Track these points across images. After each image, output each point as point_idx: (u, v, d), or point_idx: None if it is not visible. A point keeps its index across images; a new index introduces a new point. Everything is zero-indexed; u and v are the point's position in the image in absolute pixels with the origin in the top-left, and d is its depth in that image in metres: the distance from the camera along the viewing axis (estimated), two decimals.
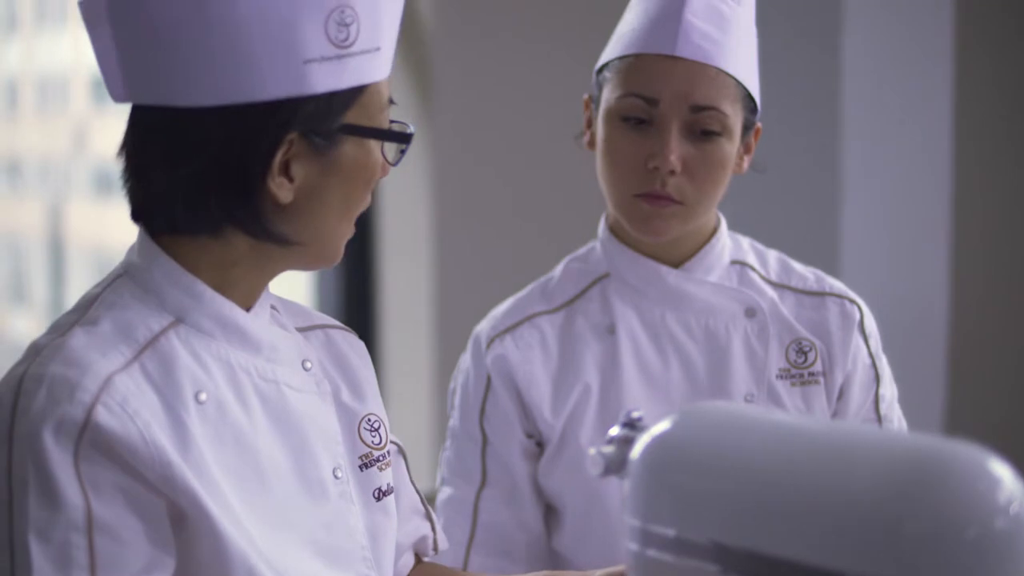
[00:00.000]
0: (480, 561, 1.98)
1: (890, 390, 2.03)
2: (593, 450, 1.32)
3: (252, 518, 1.40)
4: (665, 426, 1.24)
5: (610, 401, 1.94)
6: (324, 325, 1.62)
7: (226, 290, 1.45)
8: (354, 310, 4.55)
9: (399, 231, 4.37)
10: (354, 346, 1.63)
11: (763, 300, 1.98)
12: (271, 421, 1.46)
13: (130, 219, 1.45)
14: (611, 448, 1.32)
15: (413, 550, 1.69)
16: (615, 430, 1.34)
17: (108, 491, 1.33)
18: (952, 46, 3.35)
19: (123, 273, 1.45)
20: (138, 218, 1.45)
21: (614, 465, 1.31)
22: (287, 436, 1.47)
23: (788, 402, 1.96)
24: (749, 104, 1.92)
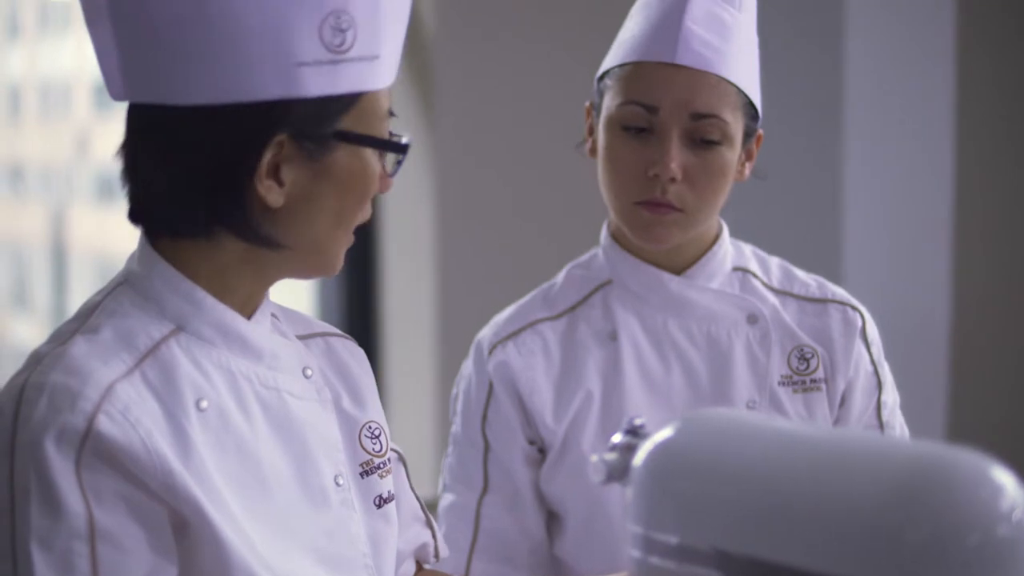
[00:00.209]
0: (482, 567, 1.98)
1: (892, 397, 2.03)
2: (596, 457, 1.32)
3: (254, 526, 1.40)
4: (667, 433, 1.25)
5: (612, 408, 1.94)
6: (324, 333, 1.62)
7: (224, 296, 1.44)
8: (356, 317, 4.55)
9: (401, 238, 4.37)
10: (354, 354, 1.63)
11: (765, 307, 1.98)
12: (272, 429, 1.46)
13: (128, 219, 1.45)
14: (614, 455, 1.32)
15: (414, 557, 1.69)
16: (617, 437, 1.34)
17: (110, 499, 1.33)
18: (954, 51, 3.35)
19: (123, 281, 1.45)
20: (136, 219, 1.45)
21: (616, 472, 1.31)
22: (288, 444, 1.47)
23: (790, 409, 1.96)
24: (750, 111, 1.92)
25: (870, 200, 3.26)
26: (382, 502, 1.57)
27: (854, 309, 2.01)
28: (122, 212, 1.45)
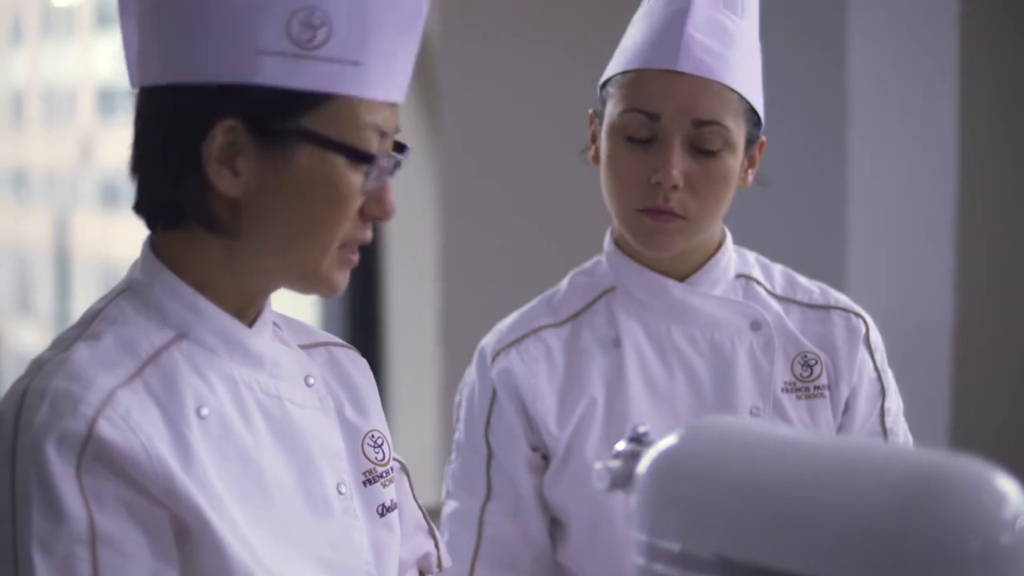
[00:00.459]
0: (485, 574, 1.98)
1: (896, 403, 2.03)
2: (599, 465, 1.33)
3: (256, 533, 1.40)
4: (671, 441, 1.25)
5: (615, 414, 1.94)
6: (327, 343, 1.62)
7: (214, 299, 1.44)
8: (359, 324, 4.55)
9: (404, 246, 4.38)
10: (357, 363, 1.62)
11: (768, 313, 1.98)
12: (274, 437, 1.46)
13: (132, 210, 1.46)
14: (617, 463, 1.32)
15: (417, 567, 1.68)
16: (621, 445, 1.34)
17: (111, 504, 1.33)
18: (957, 57, 3.35)
19: (126, 288, 1.45)
20: (137, 210, 1.46)
21: (620, 480, 1.31)
22: (291, 452, 1.47)
23: (794, 416, 1.96)
24: (752, 118, 1.92)
25: (873, 207, 3.26)
26: (385, 511, 1.57)
27: (857, 316, 2.01)
28: (126, 218, 1.45)
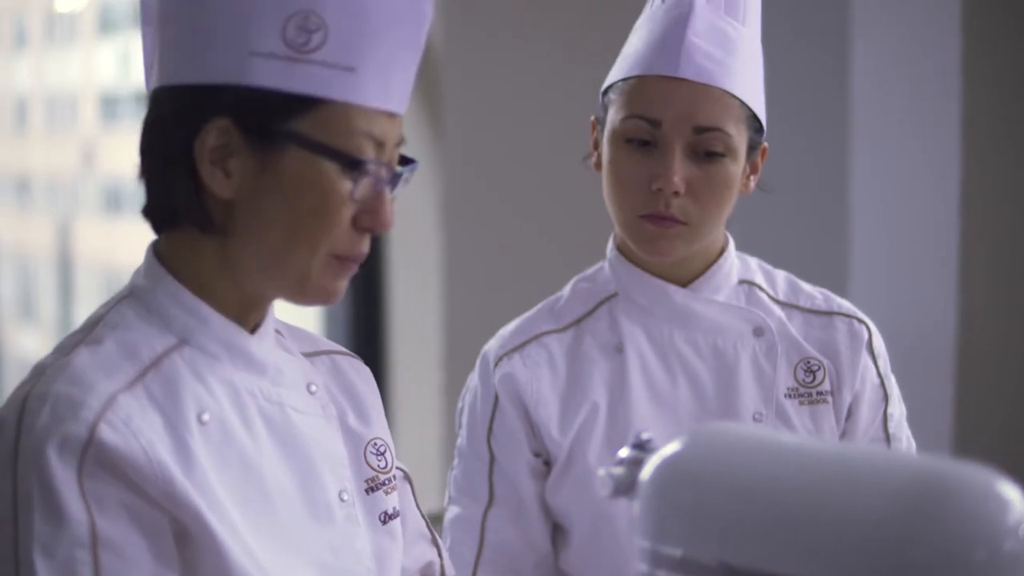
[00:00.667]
0: None
1: (899, 409, 2.03)
2: (603, 471, 1.32)
3: (258, 539, 1.40)
4: (674, 447, 1.25)
5: (618, 420, 1.94)
6: (330, 351, 1.62)
7: (220, 305, 1.44)
8: (363, 331, 4.56)
9: (407, 253, 4.38)
10: (360, 372, 1.63)
11: (771, 319, 1.98)
12: (276, 443, 1.46)
13: (141, 214, 1.47)
14: (621, 469, 1.32)
15: (420, 575, 1.68)
16: (624, 451, 1.34)
17: (112, 508, 1.33)
18: (960, 63, 3.35)
19: (128, 294, 1.46)
20: (144, 213, 1.46)
21: (623, 486, 1.31)
22: (292, 458, 1.47)
23: (797, 421, 1.95)
24: (754, 124, 1.92)
25: (876, 213, 3.26)
26: (387, 518, 1.57)
27: (860, 322, 2.01)
28: (128, 223, 1.46)
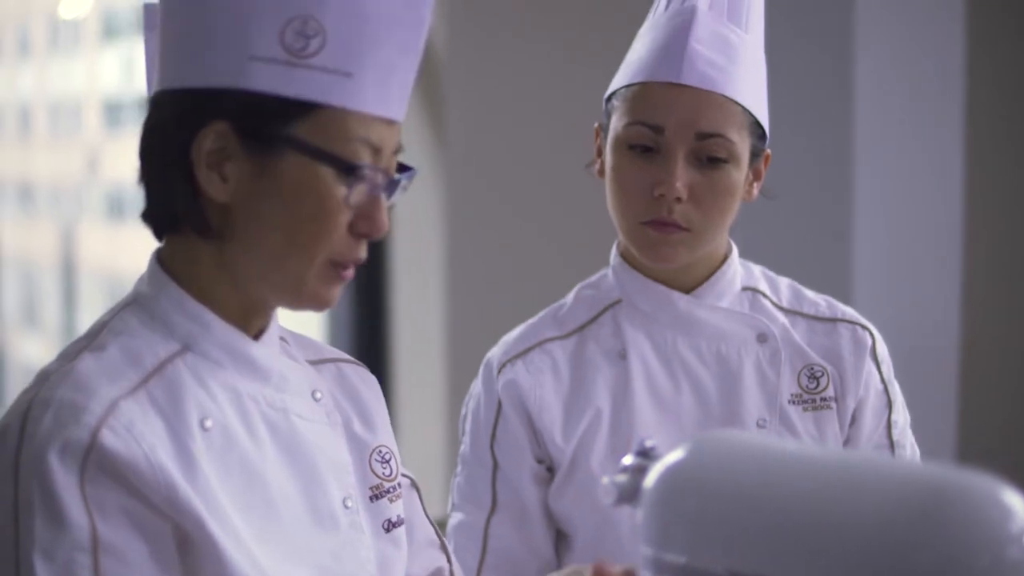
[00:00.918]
0: None
1: (902, 416, 2.03)
2: (607, 479, 1.32)
3: (261, 546, 1.40)
4: (678, 455, 1.24)
5: (621, 426, 1.94)
6: (335, 359, 1.62)
7: (223, 311, 1.44)
8: (366, 337, 4.56)
9: (411, 258, 4.38)
10: (365, 380, 1.63)
11: (774, 326, 1.98)
12: (280, 450, 1.46)
13: (140, 218, 1.47)
14: (624, 477, 1.32)
15: None
16: (628, 459, 1.34)
17: (114, 513, 1.33)
18: (965, 70, 3.35)
19: (132, 301, 1.46)
20: (144, 218, 1.46)
21: (627, 494, 1.31)
22: (296, 465, 1.47)
23: (800, 427, 1.95)
24: (757, 131, 1.92)
25: (879, 220, 3.26)
26: (391, 526, 1.57)
27: (864, 328, 2.01)
28: (132, 229, 1.46)
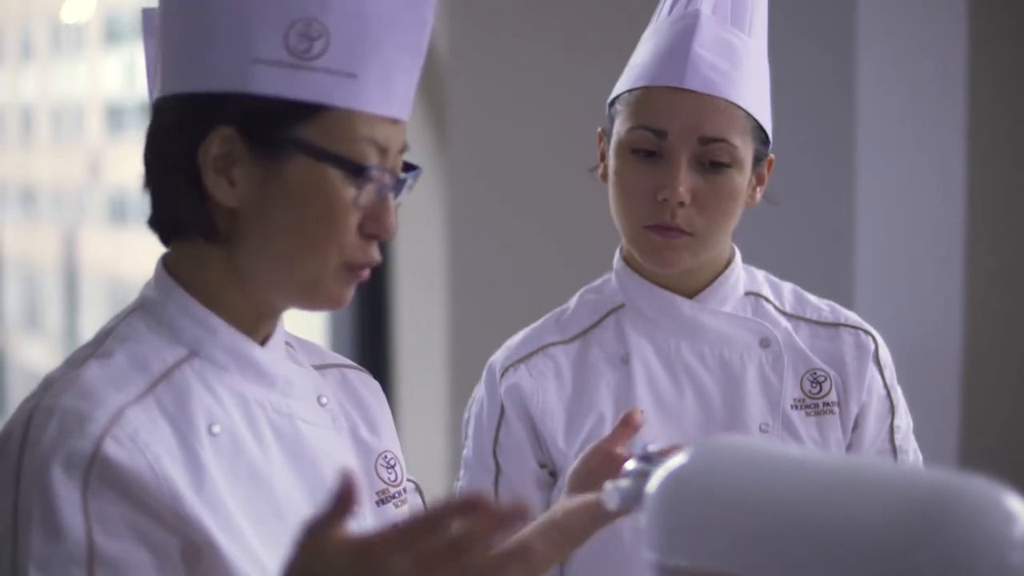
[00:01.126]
0: None
1: (905, 421, 2.03)
2: (610, 485, 1.32)
3: (268, 551, 1.40)
4: (681, 460, 1.24)
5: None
6: (339, 364, 1.62)
7: (230, 317, 1.44)
8: (368, 341, 4.55)
9: (413, 263, 4.38)
10: (369, 386, 1.63)
11: (777, 331, 1.98)
12: (286, 455, 1.46)
13: (146, 224, 1.47)
14: (627, 482, 1.32)
15: None
16: (631, 463, 1.34)
17: (116, 525, 1.32)
18: (966, 72, 3.35)
19: (138, 307, 1.46)
20: (150, 224, 1.46)
21: (630, 499, 1.31)
22: (302, 470, 1.47)
23: (803, 432, 1.95)
24: (760, 135, 1.92)
25: (882, 225, 3.26)
26: None
27: (867, 333, 2.01)
28: (134, 233, 1.46)
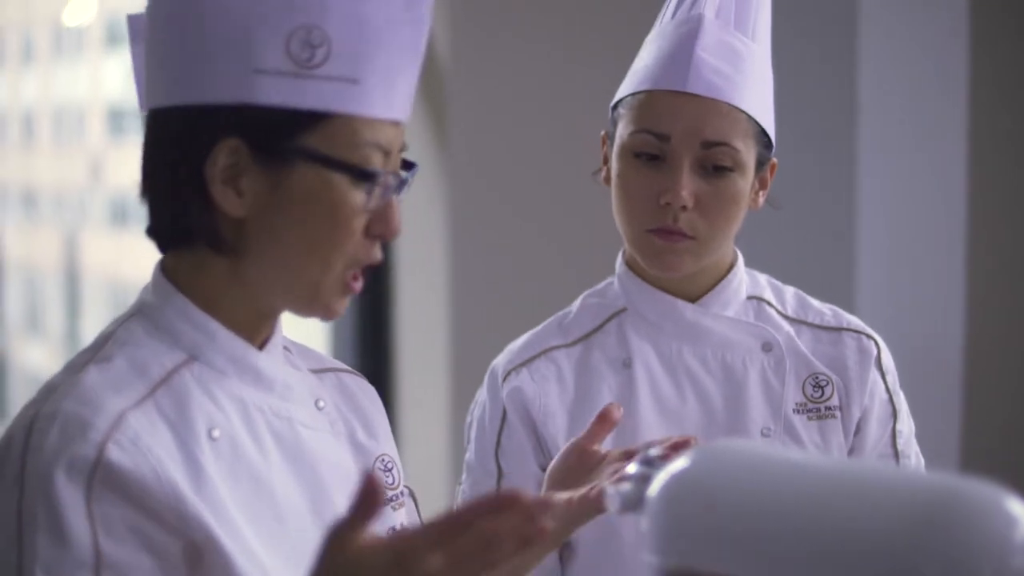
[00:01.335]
0: None
1: (907, 425, 2.03)
2: (611, 488, 1.32)
3: (268, 554, 1.40)
4: (683, 464, 1.24)
5: (626, 434, 1.94)
6: (336, 369, 1.62)
7: (229, 321, 1.44)
8: (370, 345, 4.55)
9: (414, 267, 4.38)
10: (365, 390, 1.63)
11: (780, 335, 1.98)
12: (285, 459, 1.46)
13: (145, 234, 1.46)
14: (628, 485, 1.32)
15: None
16: (632, 467, 1.34)
17: (120, 530, 1.33)
18: (968, 73, 3.35)
19: (137, 311, 1.46)
20: (149, 233, 1.46)
21: (632, 503, 1.31)
22: (301, 474, 1.47)
23: (805, 436, 1.95)
24: (763, 140, 1.92)
25: (883, 226, 3.26)
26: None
27: (869, 338, 2.01)
28: (135, 237, 1.45)
